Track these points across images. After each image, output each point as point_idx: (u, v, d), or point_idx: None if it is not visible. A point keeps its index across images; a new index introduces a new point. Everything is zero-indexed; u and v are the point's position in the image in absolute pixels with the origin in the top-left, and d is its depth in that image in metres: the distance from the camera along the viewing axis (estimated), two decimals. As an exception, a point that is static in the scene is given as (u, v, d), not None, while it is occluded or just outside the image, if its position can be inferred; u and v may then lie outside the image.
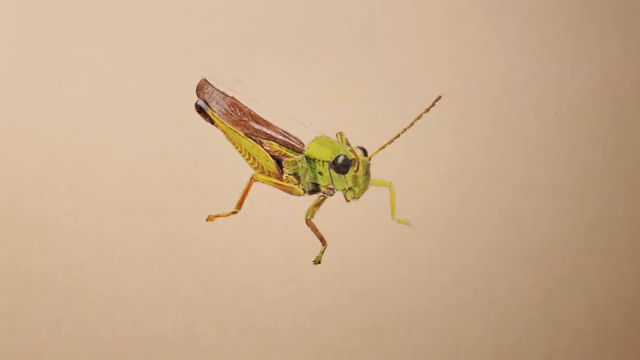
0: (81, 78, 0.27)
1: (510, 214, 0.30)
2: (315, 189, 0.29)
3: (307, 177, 0.28)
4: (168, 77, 0.27)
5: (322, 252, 0.29)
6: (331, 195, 0.29)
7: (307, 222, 0.28)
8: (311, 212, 0.28)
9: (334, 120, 0.29)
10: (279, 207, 0.28)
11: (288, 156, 0.28)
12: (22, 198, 0.27)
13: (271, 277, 0.28)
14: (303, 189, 0.29)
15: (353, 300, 0.29)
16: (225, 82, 0.28)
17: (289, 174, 0.28)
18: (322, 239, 0.29)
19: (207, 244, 0.28)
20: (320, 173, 0.28)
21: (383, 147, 0.28)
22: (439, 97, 0.28)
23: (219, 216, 0.28)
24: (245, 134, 0.28)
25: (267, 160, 0.28)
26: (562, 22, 0.30)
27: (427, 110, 0.28)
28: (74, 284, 0.27)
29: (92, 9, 0.27)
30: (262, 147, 0.28)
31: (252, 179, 0.28)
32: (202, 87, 0.28)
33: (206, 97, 0.28)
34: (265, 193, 0.28)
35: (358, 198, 0.29)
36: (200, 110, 0.28)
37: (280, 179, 0.28)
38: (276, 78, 0.28)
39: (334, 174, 0.28)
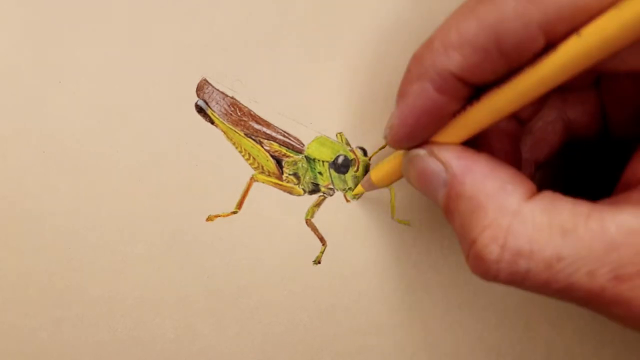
0: (81, 78, 0.27)
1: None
2: (315, 189, 0.29)
3: (307, 177, 0.29)
4: (168, 77, 0.27)
5: (322, 252, 0.29)
6: (331, 195, 0.29)
7: (307, 222, 0.28)
8: (311, 212, 0.28)
9: (334, 120, 0.29)
10: (279, 207, 0.28)
11: (288, 156, 0.28)
12: (22, 198, 0.27)
13: (271, 277, 0.28)
14: (303, 189, 0.29)
15: (353, 300, 0.29)
16: (225, 82, 0.28)
17: (289, 174, 0.29)
18: (322, 239, 0.29)
19: (207, 244, 0.28)
20: (320, 173, 0.28)
21: (383, 147, 0.28)
22: (439, 97, 0.28)
23: (219, 216, 0.28)
24: (245, 134, 0.28)
25: (267, 160, 0.28)
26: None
27: (427, 110, 0.28)
28: (74, 284, 0.27)
29: (91, 8, 0.27)
30: (262, 147, 0.28)
31: (252, 179, 0.28)
32: (202, 87, 0.28)
33: (206, 97, 0.28)
34: (265, 193, 0.28)
35: (358, 198, 0.29)
36: (200, 110, 0.28)
37: (280, 179, 0.28)
38: (276, 78, 0.28)
39: (334, 174, 0.28)
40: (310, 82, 0.28)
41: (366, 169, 0.28)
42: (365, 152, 0.28)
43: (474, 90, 0.19)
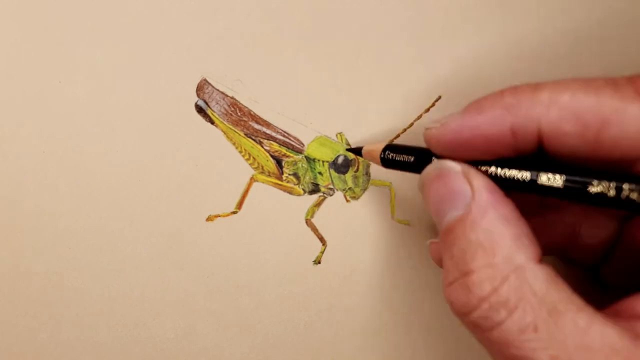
0: (81, 78, 0.27)
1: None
2: (315, 189, 0.29)
3: (307, 177, 0.28)
4: (168, 77, 0.27)
5: (322, 252, 0.29)
6: (331, 195, 0.29)
7: (307, 222, 0.28)
8: (311, 212, 0.28)
9: (334, 120, 0.29)
10: (279, 207, 0.28)
11: (288, 156, 0.28)
12: (22, 198, 0.27)
13: (271, 277, 0.28)
14: (303, 189, 0.29)
15: (353, 300, 0.29)
16: (225, 82, 0.28)
17: (289, 174, 0.28)
18: (322, 239, 0.29)
19: (207, 244, 0.28)
20: (320, 173, 0.28)
21: (383, 147, 0.28)
22: (439, 97, 0.28)
23: (219, 216, 0.28)
24: (245, 134, 0.28)
25: (267, 160, 0.28)
26: (562, 22, 0.30)
27: (427, 110, 0.28)
28: (74, 284, 0.27)
29: (92, 8, 0.27)
30: (262, 147, 0.28)
31: (252, 179, 0.28)
32: (202, 87, 0.28)
33: (206, 97, 0.28)
34: (265, 193, 0.28)
35: (358, 198, 0.29)
36: (200, 110, 0.28)
37: (280, 179, 0.28)
38: (276, 78, 0.28)
39: (334, 174, 0.28)
40: (310, 82, 0.28)
41: (366, 169, 0.28)
42: (365, 152, 0.28)
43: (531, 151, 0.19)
